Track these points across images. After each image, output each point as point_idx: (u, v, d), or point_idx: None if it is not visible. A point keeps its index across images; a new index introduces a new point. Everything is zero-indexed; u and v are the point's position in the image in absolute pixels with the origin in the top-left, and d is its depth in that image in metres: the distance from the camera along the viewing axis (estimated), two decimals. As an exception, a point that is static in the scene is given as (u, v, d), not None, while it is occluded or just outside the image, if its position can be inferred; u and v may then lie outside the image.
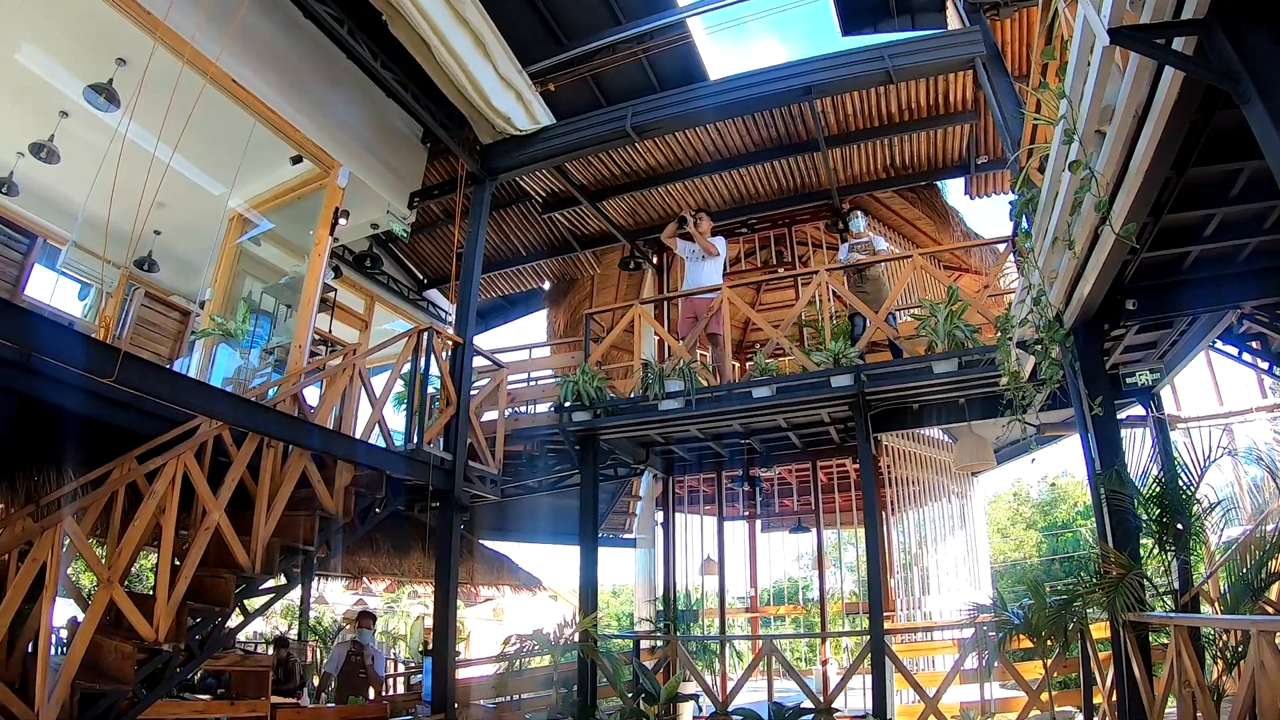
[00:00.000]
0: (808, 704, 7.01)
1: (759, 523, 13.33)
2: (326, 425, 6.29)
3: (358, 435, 6.51)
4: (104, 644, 4.69)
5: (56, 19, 6.81)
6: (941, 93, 8.31)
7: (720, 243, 8.92)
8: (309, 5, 6.56)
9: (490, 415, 8.56)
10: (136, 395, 5.12)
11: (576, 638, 7.43)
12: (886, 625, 6.98)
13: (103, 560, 4.91)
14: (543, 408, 10.00)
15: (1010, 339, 5.22)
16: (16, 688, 4.26)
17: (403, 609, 19.27)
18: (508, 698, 7.95)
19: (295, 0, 6.84)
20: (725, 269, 9.12)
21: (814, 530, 11.44)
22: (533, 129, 8.12)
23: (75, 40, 7.07)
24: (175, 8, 5.93)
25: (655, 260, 11.58)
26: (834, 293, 8.35)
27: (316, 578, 11.90)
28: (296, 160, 8.41)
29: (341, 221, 8.50)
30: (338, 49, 7.93)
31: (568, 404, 8.23)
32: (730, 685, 8.32)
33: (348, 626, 12.59)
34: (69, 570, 5.39)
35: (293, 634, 12.80)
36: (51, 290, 10.06)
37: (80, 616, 5.76)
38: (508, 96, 7.71)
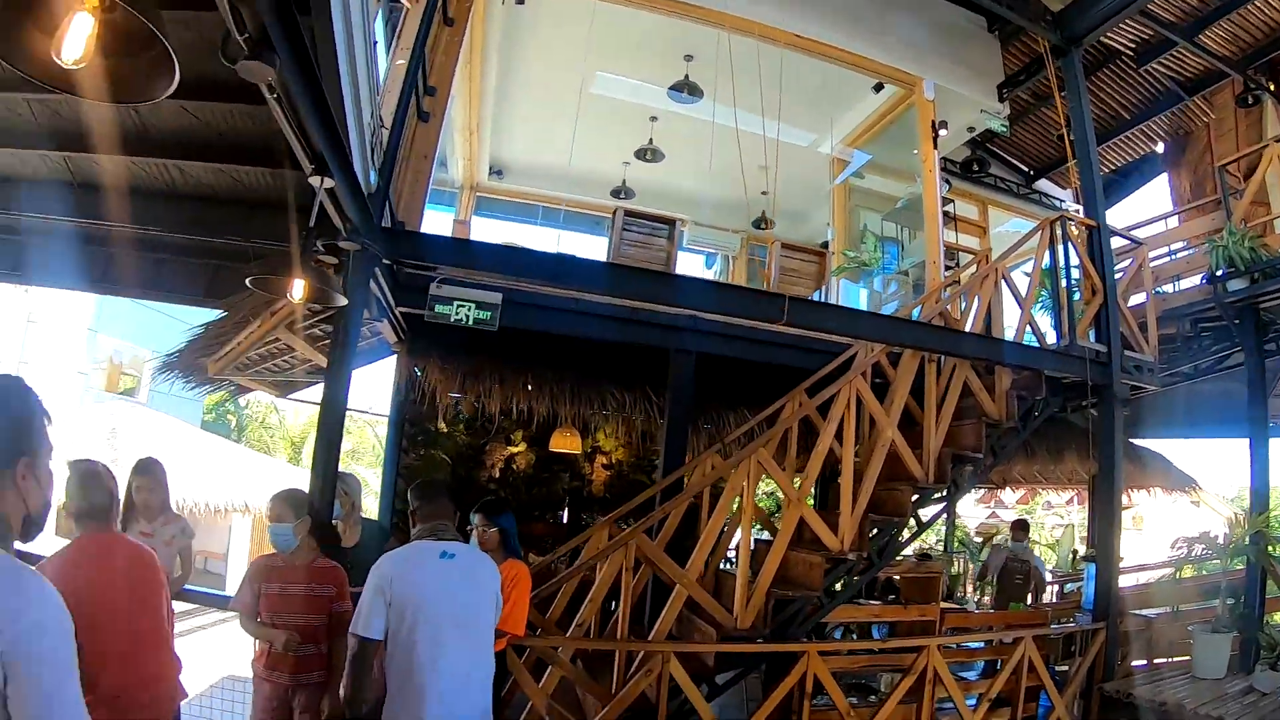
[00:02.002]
0: None
1: None
2: (975, 332, 6.29)
3: (1007, 339, 6.45)
4: (791, 557, 5.25)
5: (617, 46, 7.90)
6: None
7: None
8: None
9: (1136, 299, 7.72)
10: (795, 335, 5.73)
11: (1247, 541, 6.43)
12: None
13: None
14: (1185, 284, 8.74)
15: None
16: (713, 595, 5.04)
17: (1036, 519, 18.76)
18: (1165, 609, 7.21)
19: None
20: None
21: None
22: (1099, -26, 7.04)
23: (639, 57, 8.14)
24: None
25: (1272, 87, 9.38)
26: None
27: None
28: (878, 88, 8.62)
29: (941, 133, 8.46)
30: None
31: (1220, 273, 7.18)
32: None
33: (981, 539, 12.67)
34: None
35: (938, 549, 13.28)
36: (689, 267, 12.01)
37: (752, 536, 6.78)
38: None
